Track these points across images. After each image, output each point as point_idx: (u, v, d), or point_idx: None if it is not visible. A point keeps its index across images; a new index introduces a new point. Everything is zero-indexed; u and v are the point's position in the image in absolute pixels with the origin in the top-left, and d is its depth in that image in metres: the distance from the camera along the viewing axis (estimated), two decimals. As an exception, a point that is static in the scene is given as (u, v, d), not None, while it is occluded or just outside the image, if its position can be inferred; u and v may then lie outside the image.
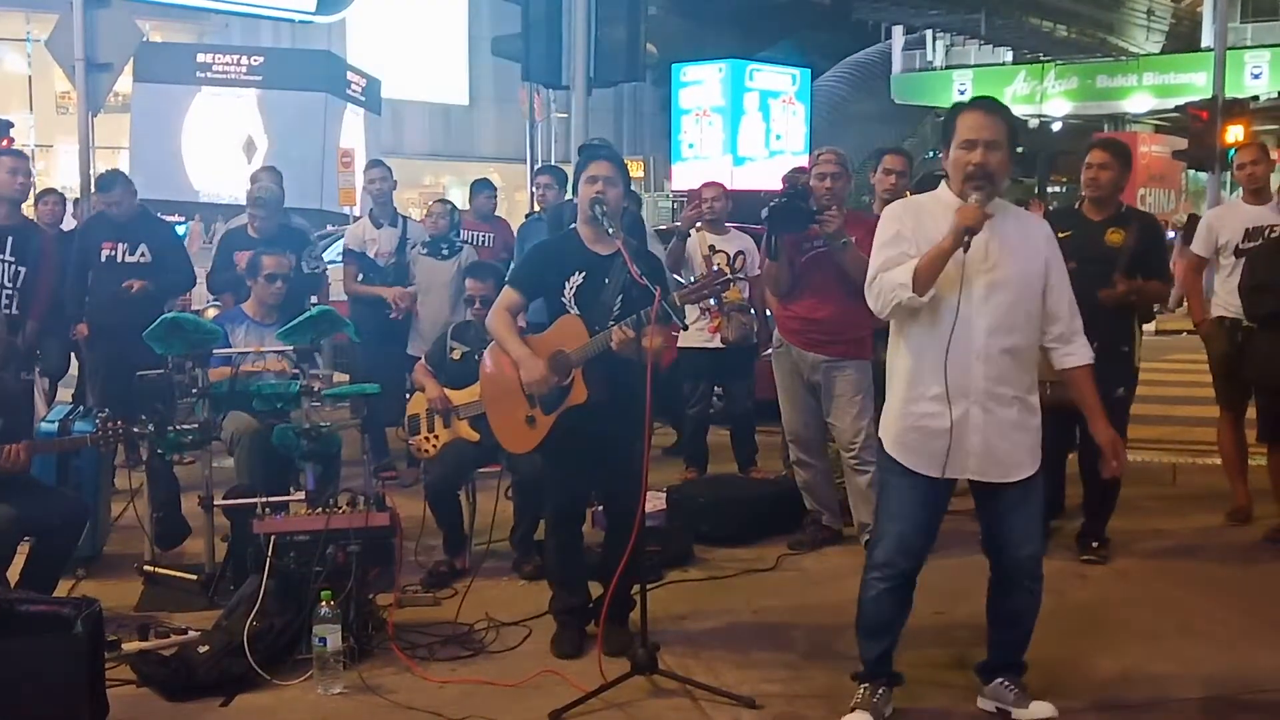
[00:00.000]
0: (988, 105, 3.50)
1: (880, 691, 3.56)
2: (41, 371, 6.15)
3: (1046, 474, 5.40)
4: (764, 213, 5.07)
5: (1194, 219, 19.60)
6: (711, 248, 6.57)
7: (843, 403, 5.19)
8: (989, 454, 3.40)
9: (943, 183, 3.55)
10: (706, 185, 6.90)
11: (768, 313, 6.37)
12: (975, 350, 3.35)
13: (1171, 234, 15.67)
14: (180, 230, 13.26)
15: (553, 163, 17.57)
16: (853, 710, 3.53)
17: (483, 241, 7.57)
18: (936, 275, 3.30)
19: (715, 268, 6.24)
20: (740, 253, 6.65)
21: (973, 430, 3.37)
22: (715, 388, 7.01)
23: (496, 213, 9.16)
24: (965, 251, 3.28)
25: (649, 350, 3.78)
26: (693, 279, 6.32)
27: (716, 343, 6.59)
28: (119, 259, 6.70)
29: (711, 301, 6.12)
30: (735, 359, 6.67)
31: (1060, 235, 5.20)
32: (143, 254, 6.73)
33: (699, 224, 6.60)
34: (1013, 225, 3.48)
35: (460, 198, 9.96)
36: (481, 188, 8.70)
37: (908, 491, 3.47)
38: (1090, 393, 3.54)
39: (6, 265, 5.77)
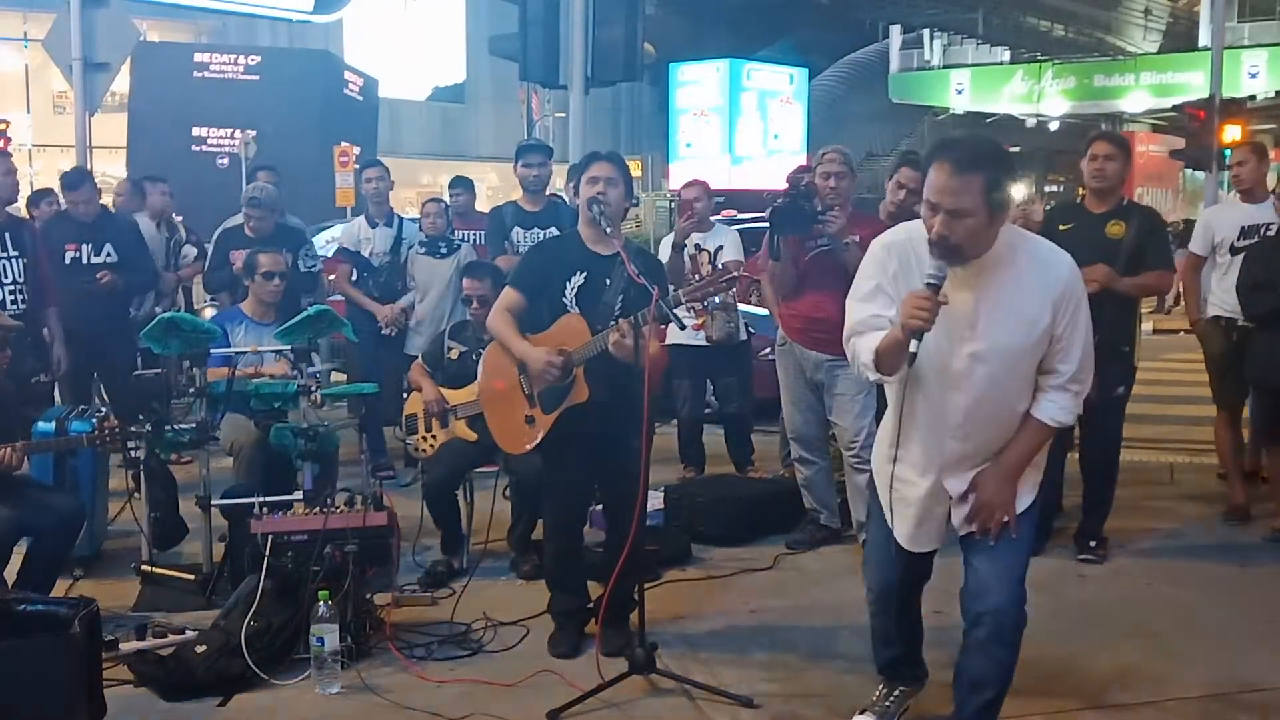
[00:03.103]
0: (958, 158, 2.78)
1: (896, 694, 3.53)
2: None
3: (1045, 474, 5.48)
4: (767, 213, 5.08)
5: (1190, 224, 19.68)
6: (697, 246, 6.53)
7: (844, 401, 5.19)
8: (957, 514, 3.10)
9: None
10: (687, 187, 6.75)
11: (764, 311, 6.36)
12: (950, 427, 3.00)
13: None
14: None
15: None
16: (862, 712, 3.51)
17: (474, 240, 7.52)
18: (899, 364, 2.90)
19: (719, 265, 6.24)
20: (720, 248, 6.54)
21: (941, 501, 3.11)
22: (710, 387, 6.99)
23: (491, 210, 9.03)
24: (919, 341, 2.82)
25: (646, 352, 3.77)
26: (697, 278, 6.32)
27: (703, 340, 6.51)
28: (84, 260, 6.53)
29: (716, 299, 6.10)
30: (723, 356, 6.62)
31: (1061, 228, 5.24)
32: (108, 254, 6.58)
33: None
34: (1013, 281, 2.91)
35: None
36: (452, 185, 8.32)
37: (886, 539, 3.24)
38: (1023, 447, 3.04)
39: (11, 261, 5.73)
